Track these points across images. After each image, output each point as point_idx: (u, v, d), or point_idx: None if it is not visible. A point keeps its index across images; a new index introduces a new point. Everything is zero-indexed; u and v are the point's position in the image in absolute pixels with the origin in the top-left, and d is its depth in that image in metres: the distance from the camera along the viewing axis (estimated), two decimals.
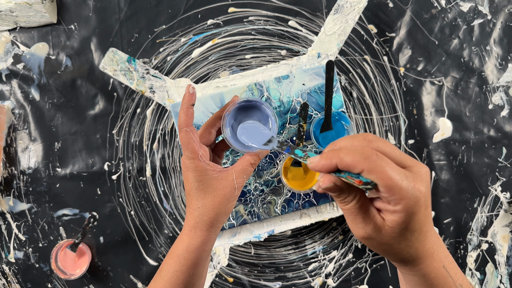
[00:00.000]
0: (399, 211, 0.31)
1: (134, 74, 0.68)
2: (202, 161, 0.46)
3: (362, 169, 0.30)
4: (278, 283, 0.73)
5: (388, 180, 0.30)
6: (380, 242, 0.34)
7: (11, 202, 0.74)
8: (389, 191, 0.30)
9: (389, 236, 0.33)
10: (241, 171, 0.47)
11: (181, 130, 0.46)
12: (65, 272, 0.72)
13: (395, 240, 0.33)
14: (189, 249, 0.47)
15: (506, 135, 0.72)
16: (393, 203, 0.31)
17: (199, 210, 0.47)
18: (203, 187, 0.46)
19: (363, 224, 0.33)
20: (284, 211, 0.68)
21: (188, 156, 0.46)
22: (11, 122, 0.74)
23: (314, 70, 0.67)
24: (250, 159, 0.48)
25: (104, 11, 0.73)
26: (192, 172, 0.46)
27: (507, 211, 0.72)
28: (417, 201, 0.31)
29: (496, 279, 0.73)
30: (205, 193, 0.46)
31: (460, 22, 0.73)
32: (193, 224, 0.47)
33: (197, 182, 0.46)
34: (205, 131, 0.50)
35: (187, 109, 0.47)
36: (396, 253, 0.35)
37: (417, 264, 0.35)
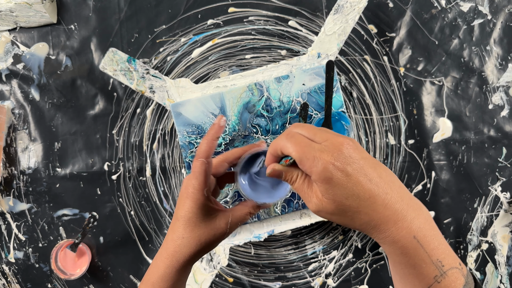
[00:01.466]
0: (314, 180, 0.35)
1: (134, 74, 0.68)
2: (204, 196, 0.44)
3: (282, 147, 0.37)
4: (278, 283, 0.73)
5: (297, 153, 0.35)
6: (327, 212, 0.36)
7: (11, 202, 0.74)
8: (300, 162, 0.36)
9: (328, 206, 0.35)
10: (238, 218, 0.46)
11: (198, 159, 0.44)
12: (65, 272, 0.72)
13: (337, 209, 0.35)
14: (164, 278, 0.45)
15: (506, 135, 0.72)
16: (309, 174, 0.36)
17: (183, 240, 0.45)
18: (196, 220, 0.44)
19: (309, 198, 0.37)
20: (284, 211, 0.68)
21: (194, 185, 0.44)
22: (11, 122, 0.74)
23: (314, 70, 0.67)
24: (251, 209, 0.47)
25: (104, 11, 0.73)
26: (191, 202, 0.44)
27: (507, 211, 0.72)
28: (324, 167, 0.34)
29: (496, 279, 0.73)
30: (195, 227, 0.45)
31: (460, 22, 0.73)
32: (172, 252, 0.45)
33: (192, 213, 0.44)
34: (220, 164, 0.48)
35: (212, 141, 0.45)
36: (350, 221, 0.36)
37: (381, 231, 0.35)
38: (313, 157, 0.34)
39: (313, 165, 0.34)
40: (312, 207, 0.37)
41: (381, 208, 0.34)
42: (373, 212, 0.35)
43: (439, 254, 0.35)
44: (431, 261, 0.35)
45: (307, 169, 0.35)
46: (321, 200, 0.35)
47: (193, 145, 0.68)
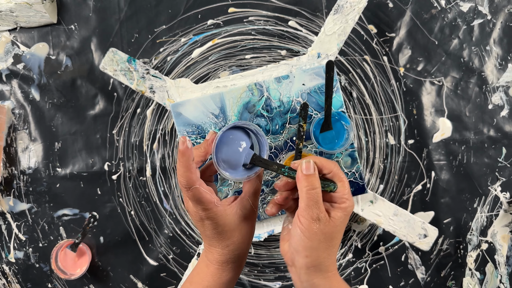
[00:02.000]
0: (343, 208, 0.43)
1: (134, 74, 0.68)
2: (219, 205, 0.43)
3: (331, 170, 0.43)
4: (278, 283, 0.73)
5: (344, 182, 0.43)
6: (322, 230, 0.41)
7: (11, 202, 0.74)
8: (343, 189, 0.43)
9: (329, 227, 0.42)
10: (254, 193, 0.46)
11: (191, 189, 0.41)
12: (65, 272, 0.72)
13: (330, 234, 0.42)
14: (221, 281, 0.46)
15: (506, 135, 0.72)
16: (340, 201, 0.43)
17: (228, 248, 0.45)
18: (227, 228, 0.44)
19: (318, 210, 0.42)
20: (284, 211, 0.68)
21: (204, 208, 0.43)
22: (11, 122, 0.74)
23: (314, 70, 0.67)
24: (258, 178, 0.47)
25: (104, 11, 0.73)
26: (212, 220, 0.43)
27: (507, 211, 0.72)
28: (352, 206, 0.43)
29: (496, 279, 0.73)
30: (232, 231, 0.45)
31: (460, 22, 0.73)
32: (225, 259, 0.45)
33: (220, 226, 0.44)
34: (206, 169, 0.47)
35: (191, 166, 0.41)
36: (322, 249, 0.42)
37: (328, 271, 0.43)
38: (351, 195, 0.44)
39: (350, 199, 0.43)
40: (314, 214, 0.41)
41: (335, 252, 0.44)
42: (333, 255, 0.44)
43: None
44: None
45: (344, 199, 0.43)
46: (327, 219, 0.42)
47: (193, 145, 0.68)
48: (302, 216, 0.42)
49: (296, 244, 0.43)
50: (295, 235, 0.43)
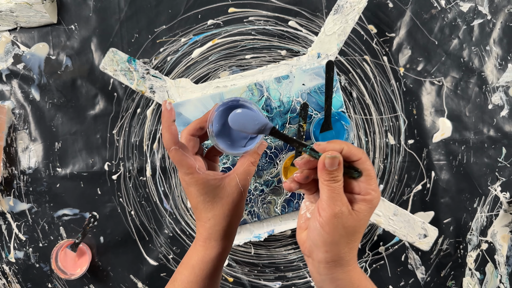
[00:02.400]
0: (367, 200, 0.40)
1: (134, 74, 0.68)
2: (201, 172, 0.45)
3: (360, 157, 0.40)
4: (278, 283, 0.73)
5: (371, 171, 0.40)
6: (344, 224, 0.39)
7: (11, 202, 0.74)
8: (369, 180, 0.40)
9: (351, 221, 0.39)
10: (243, 173, 0.46)
11: (170, 149, 0.44)
12: (65, 272, 0.72)
13: (352, 228, 0.40)
14: (205, 259, 0.46)
15: (505, 135, 0.72)
16: (365, 192, 0.40)
17: (210, 221, 0.46)
18: (210, 198, 0.45)
19: (340, 202, 0.39)
20: (284, 211, 0.68)
21: (186, 172, 0.44)
22: (11, 122, 0.74)
23: (314, 70, 0.67)
24: (250, 158, 0.47)
25: (104, 11, 0.73)
26: (195, 187, 0.45)
27: (507, 211, 0.72)
28: (378, 198, 0.40)
29: (496, 279, 0.73)
30: (213, 204, 0.45)
31: (460, 22, 0.73)
32: (207, 236, 0.46)
33: (202, 195, 0.45)
34: (188, 141, 0.47)
35: (169, 127, 0.44)
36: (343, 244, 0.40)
37: (348, 265, 0.41)
38: (377, 185, 0.41)
39: (376, 190, 0.40)
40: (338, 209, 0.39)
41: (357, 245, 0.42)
42: (355, 248, 0.42)
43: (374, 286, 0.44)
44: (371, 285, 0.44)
45: (369, 186, 0.40)
46: (350, 213, 0.39)
47: None
48: (323, 209, 0.39)
49: (315, 238, 0.40)
50: (314, 229, 0.40)
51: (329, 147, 0.41)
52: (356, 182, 0.41)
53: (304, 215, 0.46)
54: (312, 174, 0.42)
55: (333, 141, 0.42)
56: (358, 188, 0.41)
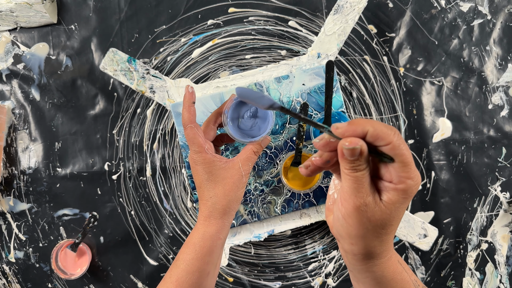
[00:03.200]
0: (400, 190, 0.33)
1: (134, 74, 0.68)
2: (209, 153, 0.49)
3: (391, 141, 0.32)
4: (278, 283, 0.73)
5: (405, 157, 0.32)
6: (370, 217, 0.34)
7: (12, 202, 0.74)
8: (404, 167, 0.32)
9: (379, 213, 0.34)
10: (245, 159, 0.51)
11: (186, 127, 0.50)
12: (66, 272, 0.72)
13: (380, 221, 0.34)
14: (205, 236, 0.49)
15: (505, 135, 0.72)
16: (398, 181, 0.33)
17: (211, 199, 0.49)
18: (213, 177, 0.49)
19: (365, 194, 0.34)
20: (284, 211, 0.68)
21: (195, 150, 0.49)
22: (11, 122, 0.74)
23: (314, 70, 0.67)
24: (253, 148, 0.52)
25: (105, 11, 0.73)
26: (201, 165, 0.49)
27: (507, 211, 0.72)
28: (417, 184, 0.33)
29: (496, 279, 0.73)
30: (215, 183, 0.49)
31: (460, 22, 0.73)
32: (207, 214, 0.49)
33: (207, 173, 0.49)
34: (207, 127, 0.53)
35: (189, 107, 0.51)
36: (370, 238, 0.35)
37: (380, 258, 0.37)
38: (415, 171, 0.33)
39: (413, 177, 0.33)
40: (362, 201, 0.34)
41: (391, 236, 0.37)
42: (389, 240, 0.37)
43: (412, 274, 0.40)
44: (411, 281, 0.39)
45: (403, 177, 0.33)
46: (377, 204, 0.34)
47: None
48: (345, 199, 0.34)
49: (339, 229, 0.36)
50: (337, 219, 0.36)
51: (349, 131, 0.33)
52: (386, 168, 0.34)
53: (332, 196, 0.42)
54: (334, 156, 0.36)
55: (356, 121, 0.33)
56: (389, 175, 0.34)
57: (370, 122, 0.33)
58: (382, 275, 0.38)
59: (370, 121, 0.33)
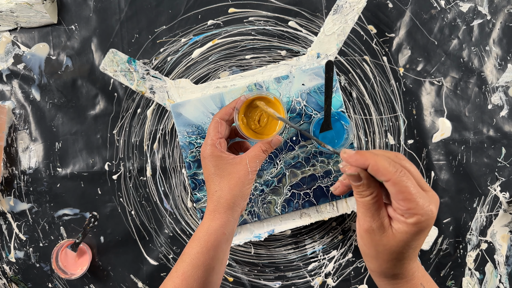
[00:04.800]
0: (410, 224, 0.35)
1: (134, 75, 0.68)
2: (218, 148, 0.51)
3: (389, 179, 0.34)
4: (278, 282, 0.74)
5: (408, 194, 0.34)
6: (379, 241, 0.36)
7: (12, 202, 0.74)
8: (407, 203, 0.34)
9: (389, 239, 0.36)
10: (253, 157, 0.51)
11: (214, 118, 0.52)
12: (66, 272, 0.72)
13: (391, 247, 0.36)
14: (209, 231, 0.49)
15: (505, 135, 0.72)
16: (407, 215, 0.35)
17: (216, 193, 0.50)
18: (219, 171, 0.50)
19: (371, 219, 0.36)
20: (284, 211, 0.68)
21: (207, 143, 0.51)
22: (11, 122, 0.74)
23: (314, 70, 0.67)
24: (262, 146, 0.52)
25: (105, 12, 0.73)
26: (209, 158, 0.51)
27: (506, 210, 0.73)
28: (429, 219, 0.34)
29: (496, 279, 0.73)
30: (221, 177, 0.50)
31: (460, 22, 0.73)
32: (213, 208, 0.50)
33: (214, 167, 0.51)
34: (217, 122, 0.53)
35: (230, 108, 0.53)
36: (383, 260, 0.38)
37: (397, 279, 0.39)
38: (423, 202, 0.34)
39: (420, 210, 0.34)
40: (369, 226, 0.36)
41: (413, 260, 0.38)
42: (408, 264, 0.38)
43: None
44: None
45: (410, 212, 0.34)
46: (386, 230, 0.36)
47: (193, 145, 0.68)
48: (358, 220, 0.38)
49: (359, 244, 0.40)
50: (357, 235, 0.39)
51: (352, 158, 0.36)
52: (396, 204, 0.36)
53: None
54: None
55: (362, 152, 0.36)
56: (399, 209, 0.36)
57: (373, 157, 0.35)
58: None
59: (375, 156, 0.35)
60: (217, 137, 0.51)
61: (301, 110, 0.68)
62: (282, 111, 0.57)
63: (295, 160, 0.68)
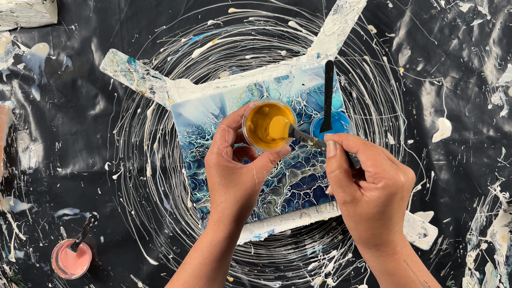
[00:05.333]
0: (379, 188, 0.38)
1: (134, 75, 0.69)
2: (224, 157, 0.49)
3: (358, 149, 0.40)
4: (278, 282, 0.74)
5: (374, 160, 0.39)
6: (354, 212, 0.40)
7: (12, 202, 0.74)
8: (374, 168, 0.39)
9: (363, 208, 0.40)
10: (261, 167, 0.50)
11: (220, 126, 0.50)
12: (66, 272, 0.72)
13: (366, 215, 0.40)
14: (213, 242, 0.48)
15: (505, 135, 0.72)
16: (376, 180, 0.39)
17: (222, 204, 0.49)
18: (225, 181, 0.48)
19: (343, 193, 0.41)
20: (284, 211, 0.68)
21: (213, 151, 0.49)
22: (11, 122, 0.74)
23: (314, 70, 0.67)
24: (270, 156, 0.51)
25: (105, 12, 0.73)
26: (215, 168, 0.49)
27: (506, 210, 0.73)
28: (396, 184, 0.38)
29: (496, 279, 0.73)
30: (227, 188, 0.48)
31: (460, 22, 0.73)
32: (217, 219, 0.49)
33: (220, 177, 0.48)
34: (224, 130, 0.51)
35: (237, 115, 0.51)
36: (363, 230, 0.41)
37: (379, 251, 0.41)
38: (390, 169, 0.39)
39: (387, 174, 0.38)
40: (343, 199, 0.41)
41: (391, 231, 0.41)
42: (385, 234, 0.41)
43: (424, 276, 0.42)
44: (419, 281, 0.41)
45: (378, 176, 0.39)
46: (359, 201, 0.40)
47: (193, 145, 0.68)
48: (336, 197, 0.42)
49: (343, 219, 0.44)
50: None
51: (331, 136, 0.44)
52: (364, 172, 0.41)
53: None
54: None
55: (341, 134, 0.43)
56: (368, 177, 0.40)
57: (347, 135, 0.42)
58: (384, 268, 0.42)
59: (348, 135, 0.43)
60: (224, 146, 0.49)
61: (301, 110, 0.68)
62: (293, 119, 0.54)
63: (295, 160, 0.68)
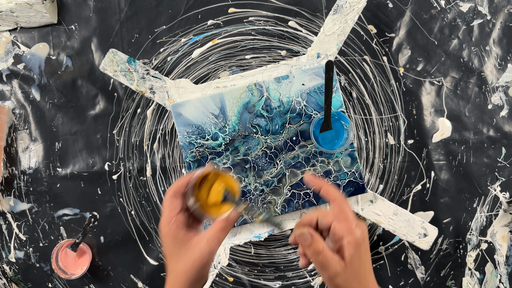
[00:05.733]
0: (351, 242, 0.44)
1: (134, 75, 0.68)
2: (172, 227, 0.47)
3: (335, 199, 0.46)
4: (278, 282, 0.74)
5: (346, 214, 0.45)
6: (345, 278, 0.44)
7: (12, 202, 0.74)
8: (346, 222, 0.45)
9: (349, 270, 0.44)
10: (212, 236, 0.47)
11: (168, 192, 0.47)
12: (66, 272, 0.72)
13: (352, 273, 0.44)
14: None
15: (505, 135, 0.72)
16: (347, 233, 0.44)
17: (173, 273, 0.47)
18: (176, 251, 0.47)
19: (330, 267, 0.44)
20: (284, 211, 0.68)
21: (163, 220, 0.47)
22: (11, 122, 0.74)
23: (314, 70, 0.67)
24: (219, 224, 0.47)
25: (105, 12, 0.73)
26: (165, 237, 0.47)
27: (507, 210, 0.73)
28: (362, 235, 0.44)
29: (496, 279, 0.73)
30: (178, 258, 0.47)
31: (460, 22, 0.73)
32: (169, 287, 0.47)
33: (171, 246, 0.47)
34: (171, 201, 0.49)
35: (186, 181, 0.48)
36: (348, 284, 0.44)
37: None
38: (355, 224, 0.45)
39: (354, 230, 0.44)
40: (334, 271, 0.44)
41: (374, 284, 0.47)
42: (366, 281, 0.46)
43: None
44: None
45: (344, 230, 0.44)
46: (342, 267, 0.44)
47: (193, 145, 0.68)
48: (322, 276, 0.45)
49: None
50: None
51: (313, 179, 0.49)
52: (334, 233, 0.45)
53: None
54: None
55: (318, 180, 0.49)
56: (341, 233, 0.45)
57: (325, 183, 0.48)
58: None
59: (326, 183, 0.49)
60: (171, 216, 0.47)
61: (301, 110, 0.68)
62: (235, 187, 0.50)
63: (295, 160, 0.68)
